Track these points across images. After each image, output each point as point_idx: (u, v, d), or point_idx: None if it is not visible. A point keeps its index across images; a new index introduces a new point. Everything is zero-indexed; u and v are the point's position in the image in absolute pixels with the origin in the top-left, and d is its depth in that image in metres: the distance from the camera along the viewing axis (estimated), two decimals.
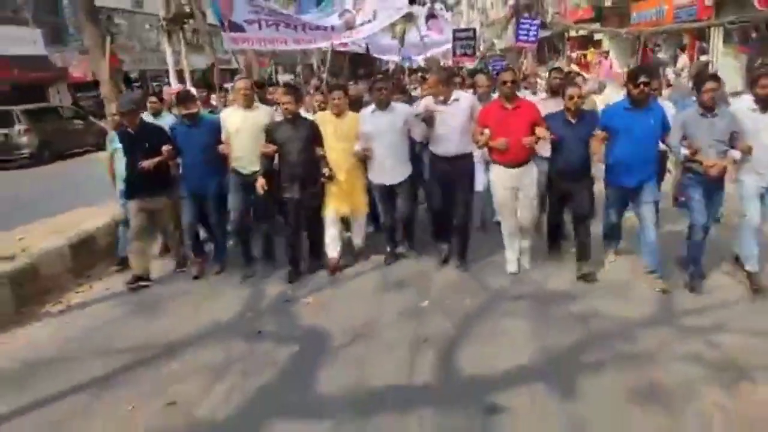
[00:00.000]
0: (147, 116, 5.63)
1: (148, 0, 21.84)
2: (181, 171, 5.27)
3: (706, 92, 4.29)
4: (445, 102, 4.82)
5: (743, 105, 4.42)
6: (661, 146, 4.64)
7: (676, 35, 15.12)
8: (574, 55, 20.46)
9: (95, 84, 14.78)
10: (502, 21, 26.90)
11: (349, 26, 8.32)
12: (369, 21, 8.50)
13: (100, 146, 8.17)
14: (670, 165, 6.11)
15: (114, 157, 5.51)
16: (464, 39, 12.26)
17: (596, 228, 5.01)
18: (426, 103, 4.96)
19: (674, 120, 4.53)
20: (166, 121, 5.64)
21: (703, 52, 13.56)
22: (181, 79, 10.99)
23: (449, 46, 12.67)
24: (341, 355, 3.70)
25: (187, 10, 10.98)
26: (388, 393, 3.25)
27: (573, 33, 21.84)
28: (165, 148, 4.92)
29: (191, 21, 11.14)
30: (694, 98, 4.84)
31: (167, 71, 11.86)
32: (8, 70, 19.20)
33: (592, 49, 19.85)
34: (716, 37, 13.48)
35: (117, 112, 5.36)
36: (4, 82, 18.98)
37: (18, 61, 19.50)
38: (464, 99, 4.93)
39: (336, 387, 3.33)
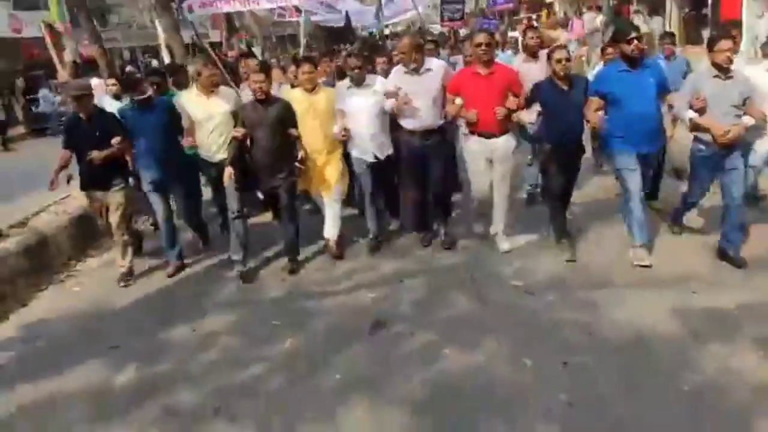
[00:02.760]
0: (108, 99, 5.42)
1: None
2: (137, 160, 4.88)
3: (720, 52, 3.89)
4: (417, 71, 4.48)
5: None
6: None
7: None
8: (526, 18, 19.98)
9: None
10: None
11: None
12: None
13: None
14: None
15: None
16: (452, 2, 11.76)
17: None
18: (395, 75, 4.63)
19: (684, 83, 4.20)
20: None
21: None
22: (171, 55, 11.51)
23: (413, 12, 11.87)
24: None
25: None
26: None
27: None
28: (115, 140, 4.51)
29: None
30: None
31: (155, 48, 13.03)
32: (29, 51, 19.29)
33: (546, 11, 20.27)
34: None
35: (68, 97, 4.96)
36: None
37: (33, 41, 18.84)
38: (437, 67, 4.57)
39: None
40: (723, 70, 3.93)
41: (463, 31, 12.14)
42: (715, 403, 2.78)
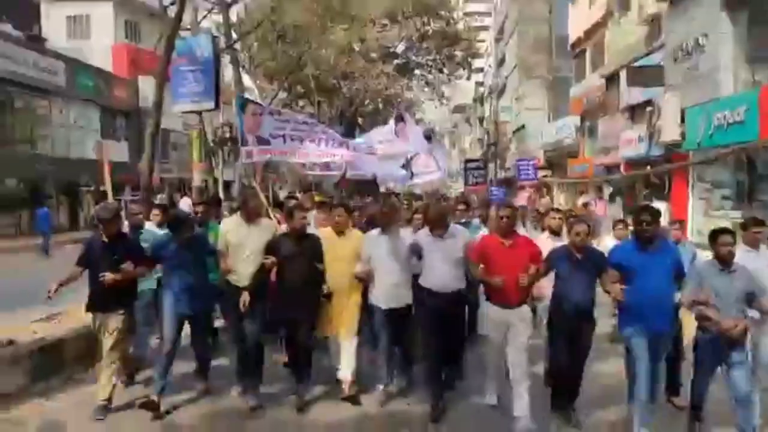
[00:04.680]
0: (152, 227, 5.78)
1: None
2: (166, 290, 4.86)
3: (721, 246, 4.02)
4: (441, 236, 4.66)
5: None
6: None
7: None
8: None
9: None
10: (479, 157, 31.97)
11: (370, 151, 8.46)
12: (390, 158, 8.76)
13: None
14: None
15: None
16: (475, 169, 12.71)
17: None
18: (421, 236, 4.80)
19: (689, 272, 4.27)
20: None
21: None
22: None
23: (440, 175, 12.28)
24: None
25: (227, 136, 16.13)
26: None
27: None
28: (126, 265, 4.56)
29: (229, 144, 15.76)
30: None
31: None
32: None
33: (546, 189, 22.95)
34: None
35: (97, 219, 4.90)
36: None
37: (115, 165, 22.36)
38: (460, 235, 4.80)
39: None
40: (726, 264, 4.01)
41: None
42: None
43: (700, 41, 11.68)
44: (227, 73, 19.67)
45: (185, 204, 15.59)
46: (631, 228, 4.76)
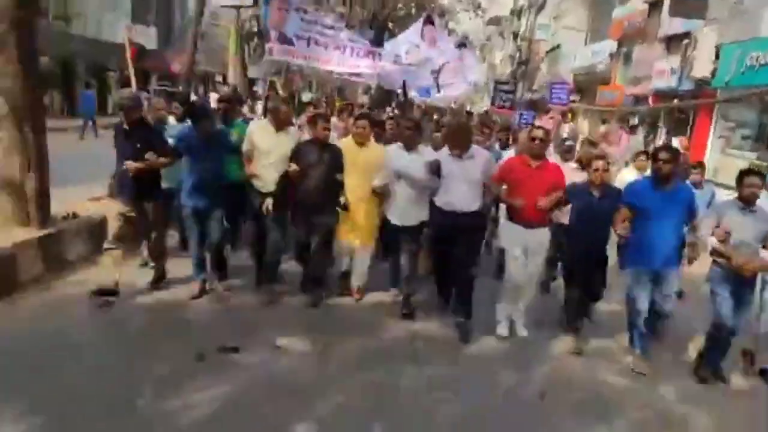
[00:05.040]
0: (173, 122, 5.95)
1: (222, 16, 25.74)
2: (184, 185, 4.88)
3: (746, 187, 4.07)
4: (460, 156, 4.63)
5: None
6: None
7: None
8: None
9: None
10: (509, 77, 29.12)
11: (397, 61, 8.04)
12: (414, 66, 8.29)
13: None
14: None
15: None
16: (505, 91, 12.32)
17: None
18: (441, 154, 4.79)
19: (710, 209, 4.38)
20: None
21: None
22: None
23: (466, 87, 11.59)
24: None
25: (255, 30, 16.23)
26: None
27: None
28: (149, 154, 4.59)
29: (255, 39, 16.05)
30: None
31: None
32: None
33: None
34: None
35: (120, 106, 5.02)
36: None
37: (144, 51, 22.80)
38: (480, 156, 4.73)
39: None
40: (748, 204, 4.07)
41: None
42: None
43: None
44: None
45: (214, 100, 15.85)
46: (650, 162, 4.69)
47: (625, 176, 6.09)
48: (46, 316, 4.36)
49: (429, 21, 8.92)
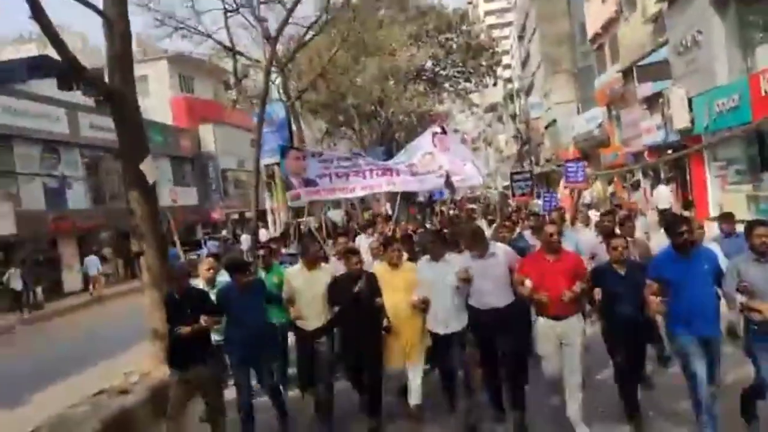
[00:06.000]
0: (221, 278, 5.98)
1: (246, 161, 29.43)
2: (228, 338, 5.11)
3: (757, 237, 4.04)
4: (481, 256, 4.88)
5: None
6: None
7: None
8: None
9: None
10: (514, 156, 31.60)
11: (413, 173, 8.42)
12: (430, 173, 8.47)
13: None
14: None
15: None
16: (522, 180, 12.82)
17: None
18: (463, 259, 5.05)
19: (727, 267, 4.27)
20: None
21: None
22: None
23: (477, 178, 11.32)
24: None
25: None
26: None
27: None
28: (203, 318, 4.67)
29: None
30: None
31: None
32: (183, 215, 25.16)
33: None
34: None
35: (170, 277, 5.41)
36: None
37: (185, 208, 27.46)
38: (501, 252, 4.99)
39: None
40: (761, 254, 4.02)
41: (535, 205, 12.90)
42: None
43: (696, 37, 13.06)
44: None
45: (246, 241, 18.50)
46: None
47: (658, 240, 5.89)
48: None
49: (443, 131, 9.09)
